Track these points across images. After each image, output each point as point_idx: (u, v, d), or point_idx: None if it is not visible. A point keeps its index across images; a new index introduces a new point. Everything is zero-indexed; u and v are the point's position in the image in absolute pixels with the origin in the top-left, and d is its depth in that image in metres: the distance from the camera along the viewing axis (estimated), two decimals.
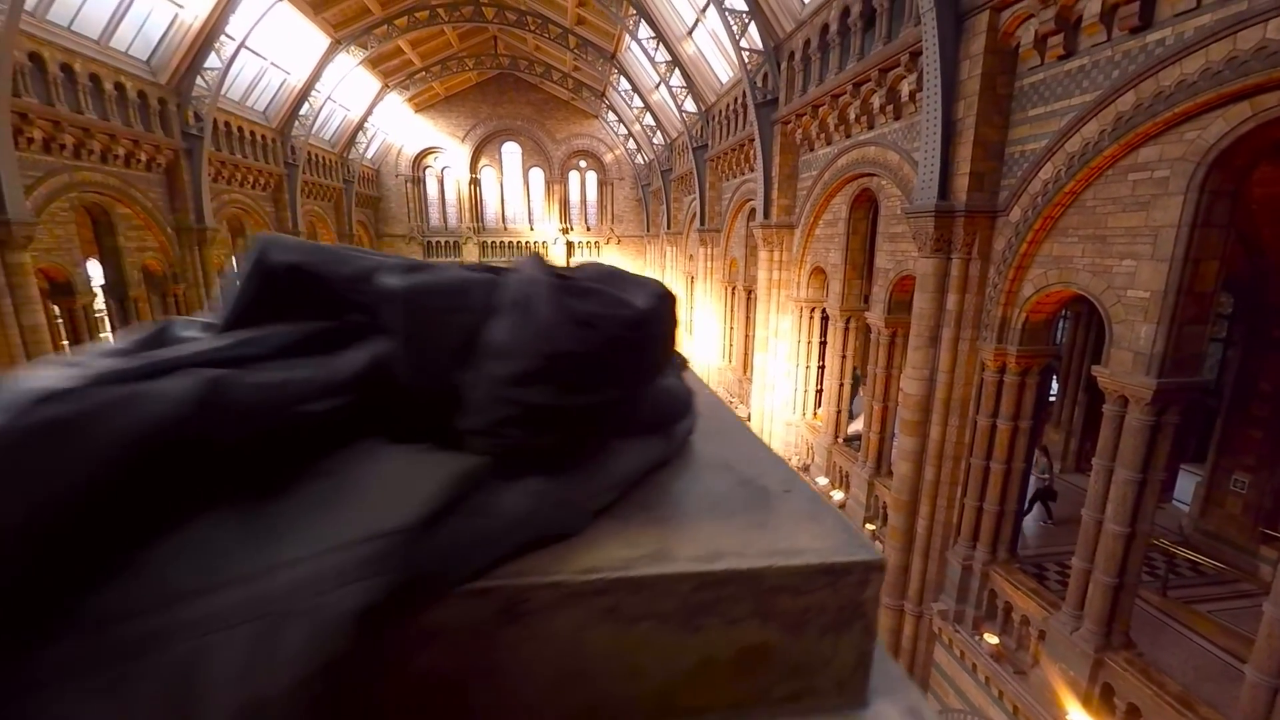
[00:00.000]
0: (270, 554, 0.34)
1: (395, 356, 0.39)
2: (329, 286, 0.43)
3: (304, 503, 0.35)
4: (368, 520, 0.34)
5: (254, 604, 0.32)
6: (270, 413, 0.35)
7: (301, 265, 0.43)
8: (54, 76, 10.69)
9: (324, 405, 0.37)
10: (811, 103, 9.50)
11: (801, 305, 11.17)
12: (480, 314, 0.41)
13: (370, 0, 17.40)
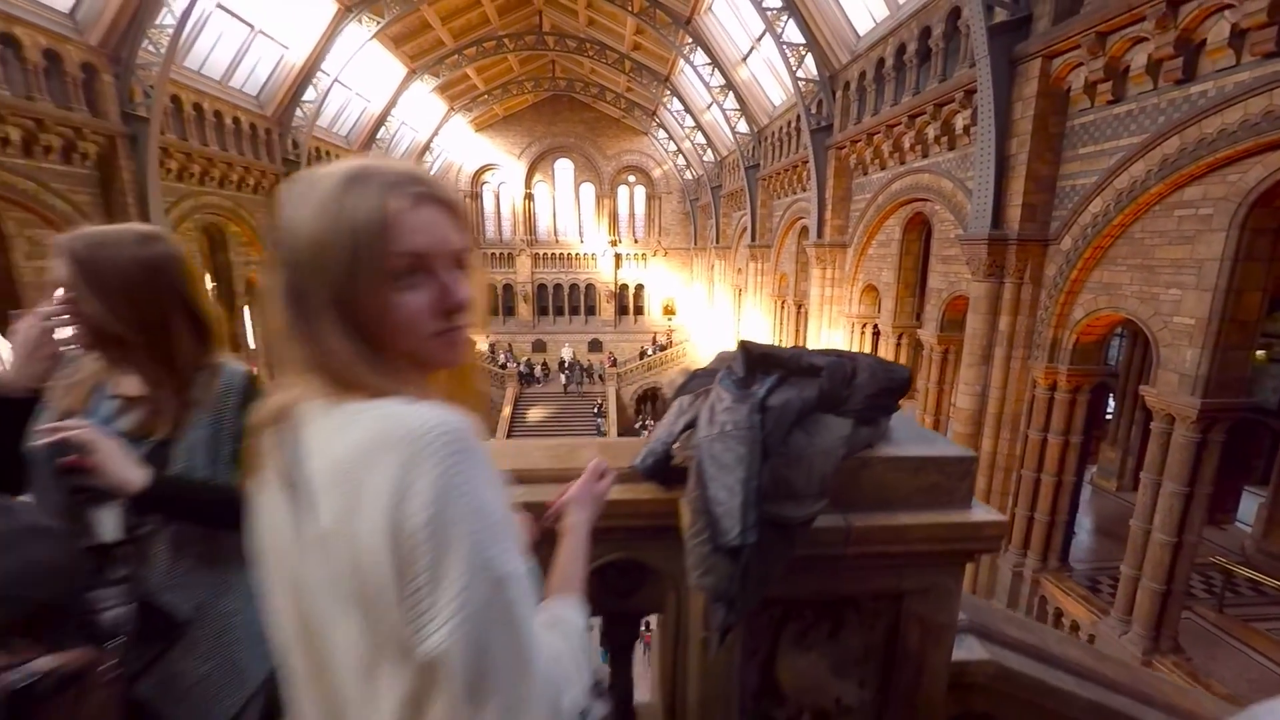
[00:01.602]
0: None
1: (822, 387, 1.10)
2: (780, 361, 1.13)
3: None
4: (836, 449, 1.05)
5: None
6: (816, 406, 1.05)
7: (768, 352, 1.14)
8: (188, 115, 12.25)
9: (802, 407, 1.07)
10: (866, 131, 10.04)
11: (853, 321, 11.64)
12: (853, 372, 1.11)
13: (443, 33, 18.80)
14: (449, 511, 0.56)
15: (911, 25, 8.66)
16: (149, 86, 10.51)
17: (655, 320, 30.66)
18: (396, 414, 0.60)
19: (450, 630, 0.55)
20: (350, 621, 0.60)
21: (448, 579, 0.55)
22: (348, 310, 0.63)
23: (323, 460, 0.61)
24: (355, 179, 0.64)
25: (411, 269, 0.64)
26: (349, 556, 0.58)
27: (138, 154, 10.60)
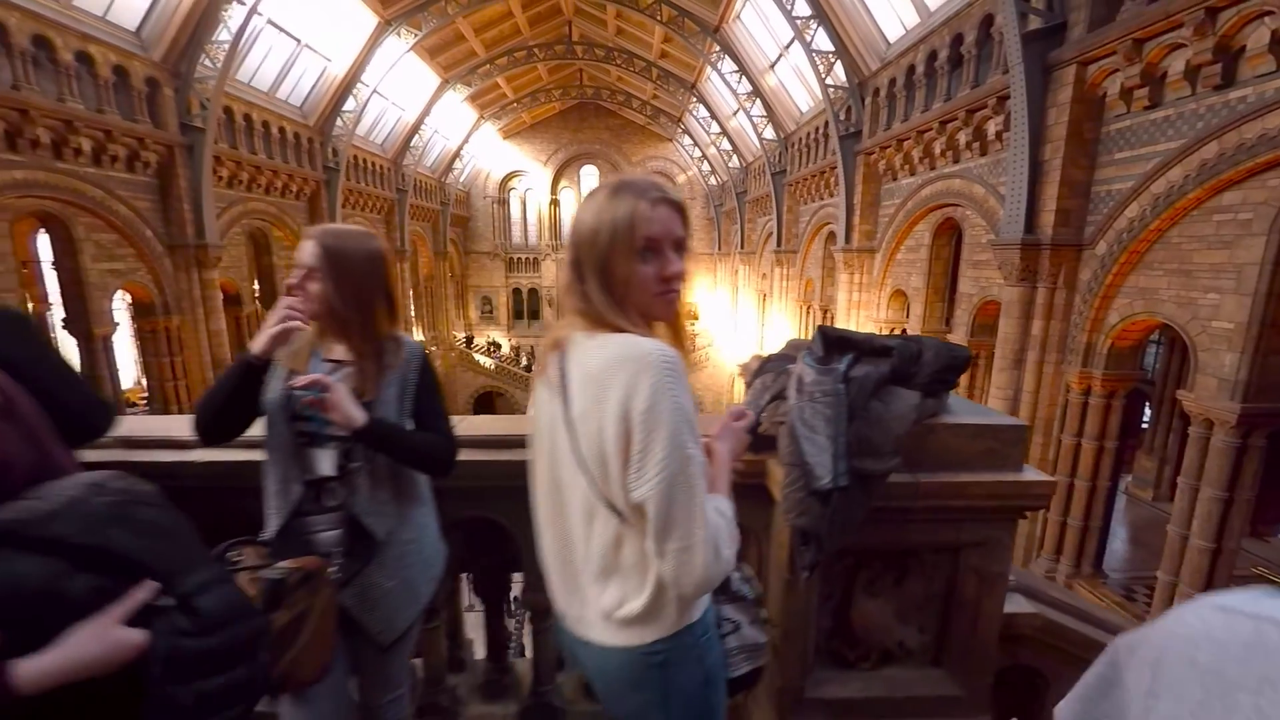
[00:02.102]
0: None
1: (893, 364, 1.27)
2: (854, 343, 1.32)
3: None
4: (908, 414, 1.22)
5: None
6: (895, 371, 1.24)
7: (843, 335, 1.32)
8: (239, 125, 12.87)
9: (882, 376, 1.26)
10: (896, 137, 10.12)
11: (881, 326, 11.66)
12: (919, 352, 1.29)
13: (476, 43, 19.35)
14: (659, 406, 0.86)
15: (943, 32, 8.74)
16: (205, 99, 11.11)
17: None
18: (632, 341, 0.92)
19: (654, 485, 0.86)
20: (580, 481, 0.96)
21: (654, 451, 0.86)
22: (605, 275, 0.95)
23: (580, 370, 0.96)
24: (618, 189, 0.97)
25: (646, 248, 0.93)
26: (591, 433, 0.92)
27: (193, 162, 11.19)
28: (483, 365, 26.99)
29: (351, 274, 1.30)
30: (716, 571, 0.89)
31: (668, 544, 0.87)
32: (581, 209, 1.00)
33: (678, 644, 0.97)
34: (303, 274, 1.29)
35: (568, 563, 1.03)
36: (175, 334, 11.29)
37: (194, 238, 11.26)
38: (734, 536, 0.96)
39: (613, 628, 0.98)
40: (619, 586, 0.96)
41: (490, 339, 29.65)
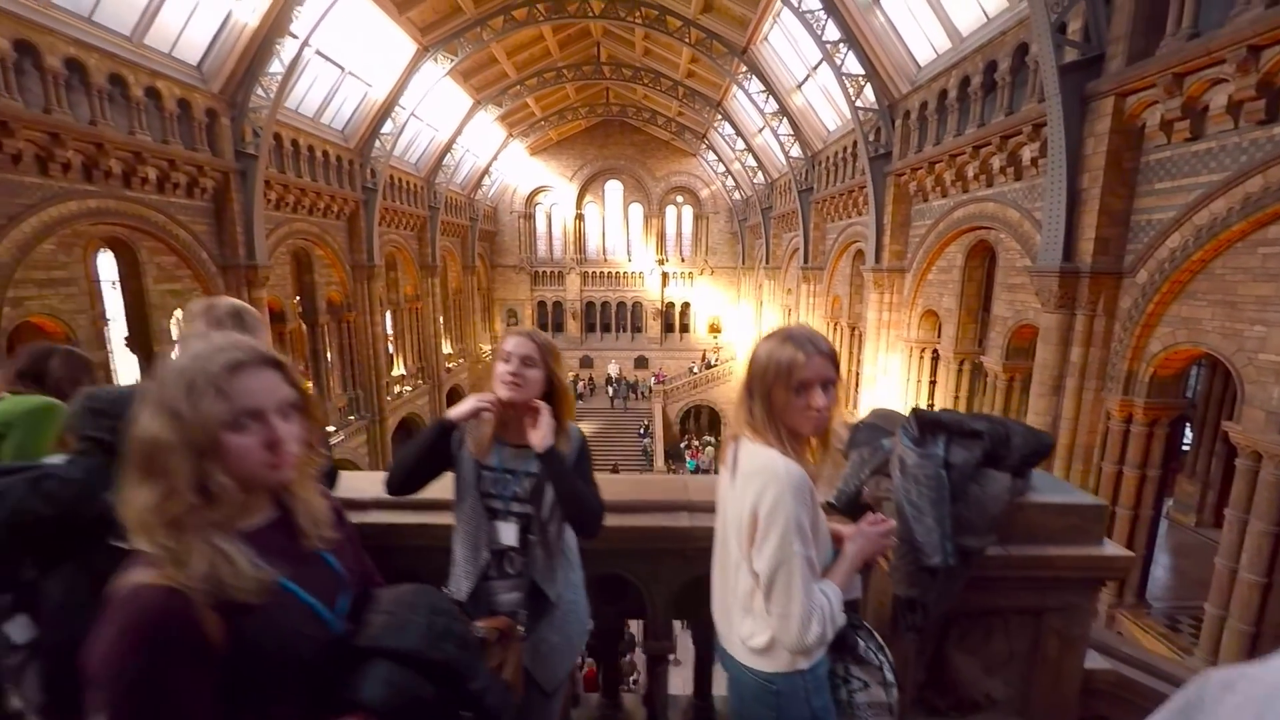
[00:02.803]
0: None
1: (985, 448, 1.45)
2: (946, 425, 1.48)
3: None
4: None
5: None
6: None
7: (936, 419, 1.49)
8: (286, 150, 13.47)
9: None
10: (928, 159, 10.20)
11: (912, 346, 11.68)
12: (1007, 436, 1.45)
13: (508, 66, 19.90)
14: (777, 512, 1.16)
15: (976, 59, 8.84)
16: (258, 127, 11.69)
17: (701, 338, 30.97)
18: (773, 457, 1.22)
19: (764, 563, 1.18)
20: (733, 543, 1.27)
21: (769, 540, 1.18)
22: (767, 400, 1.22)
23: (745, 464, 1.27)
24: (785, 338, 1.23)
25: (801, 386, 1.18)
26: (738, 511, 1.24)
27: (246, 187, 11.76)
28: None
29: (557, 365, 1.55)
30: (809, 639, 1.16)
31: (770, 607, 1.18)
32: (757, 347, 1.29)
33: (789, 682, 1.24)
34: (520, 361, 1.50)
35: (724, 594, 1.35)
36: None
37: (245, 258, 11.80)
38: (835, 618, 1.19)
39: (745, 652, 1.27)
40: (752, 622, 1.25)
41: None
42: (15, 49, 7.61)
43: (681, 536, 1.62)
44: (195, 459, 0.79)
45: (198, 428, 0.79)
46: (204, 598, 0.76)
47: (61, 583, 1.20)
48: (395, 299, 20.17)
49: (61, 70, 8.20)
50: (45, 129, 7.98)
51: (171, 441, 0.78)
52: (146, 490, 0.79)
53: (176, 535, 0.78)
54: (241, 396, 0.82)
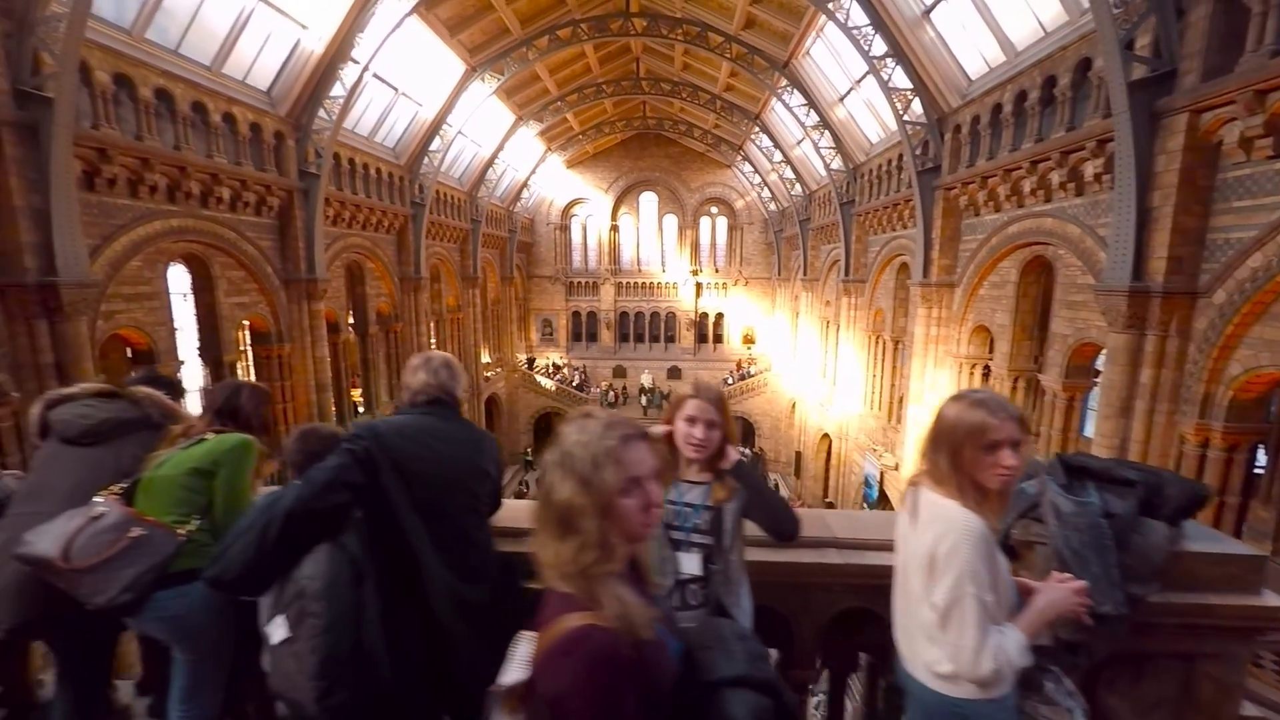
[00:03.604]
0: None
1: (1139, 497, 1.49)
2: (1093, 472, 1.54)
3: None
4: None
5: None
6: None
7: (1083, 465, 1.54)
8: (344, 168, 14.08)
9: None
10: (981, 174, 10.06)
11: (961, 361, 11.47)
12: (1159, 486, 1.50)
13: (550, 83, 20.39)
14: (954, 556, 1.27)
15: (1034, 74, 8.72)
16: (320, 148, 12.27)
17: (735, 349, 30.86)
18: (953, 507, 1.34)
19: (940, 599, 1.28)
20: (915, 578, 1.39)
21: (944, 580, 1.28)
22: (955, 455, 1.32)
23: (925, 510, 1.40)
24: (977, 403, 1.31)
25: (992, 446, 1.27)
26: (922, 554, 1.36)
27: (308, 205, 12.33)
28: (544, 386, 27.79)
29: (729, 415, 1.69)
30: (982, 671, 1.25)
31: (946, 638, 1.30)
32: (945, 408, 1.42)
33: (975, 709, 1.32)
34: (705, 426, 1.64)
35: (907, 622, 1.47)
36: (287, 360, 12.36)
37: (305, 272, 12.36)
38: (1013, 659, 1.26)
39: (930, 676, 1.37)
40: (938, 650, 1.34)
41: (551, 360, 30.53)
42: (114, 82, 8.20)
43: (832, 572, 1.69)
44: (599, 519, 0.95)
45: (601, 493, 0.95)
46: (625, 635, 0.91)
47: (323, 567, 1.40)
48: (438, 310, 20.72)
49: (152, 100, 8.79)
50: (137, 155, 8.56)
51: (583, 505, 0.95)
52: (564, 544, 0.96)
53: (587, 582, 0.94)
54: (630, 466, 0.97)
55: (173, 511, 1.72)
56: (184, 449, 1.80)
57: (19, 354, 7.04)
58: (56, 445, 1.82)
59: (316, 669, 1.34)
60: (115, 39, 8.34)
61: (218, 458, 1.78)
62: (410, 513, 1.53)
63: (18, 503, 1.78)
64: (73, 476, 1.76)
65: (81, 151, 7.63)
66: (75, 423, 1.82)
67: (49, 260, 7.04)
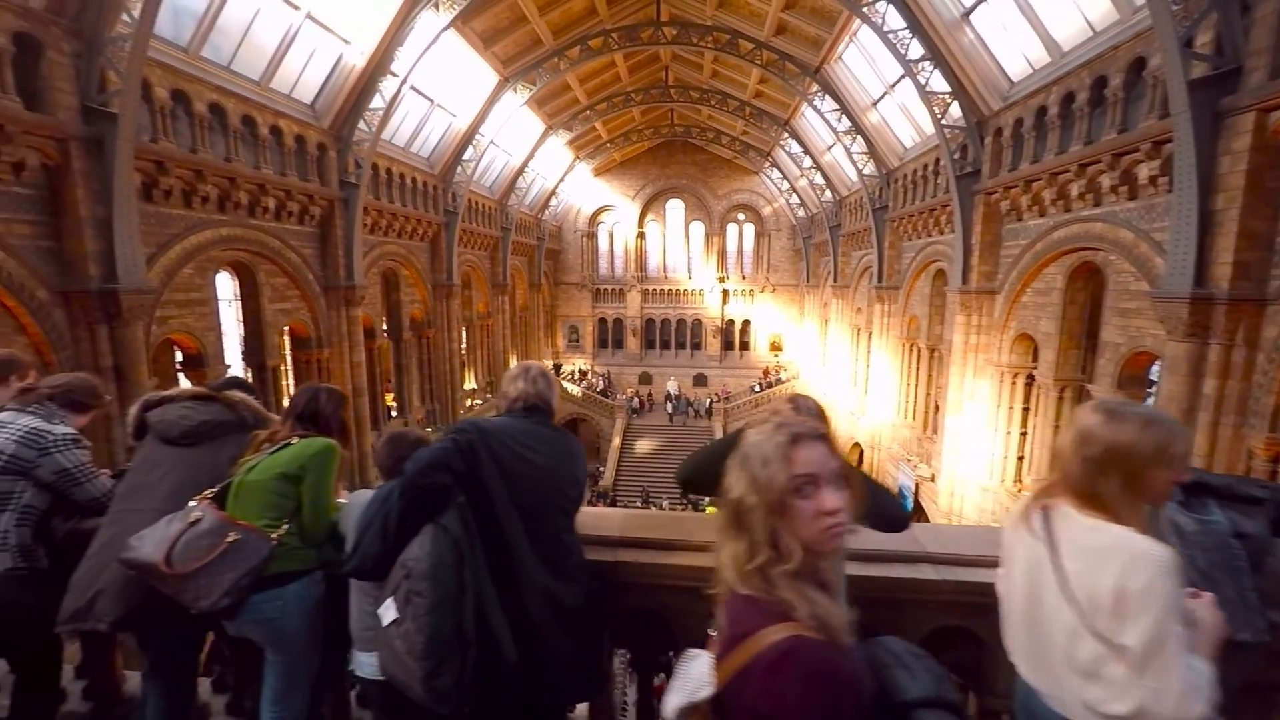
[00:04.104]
0: None
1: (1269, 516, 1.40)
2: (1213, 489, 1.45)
3: None
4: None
5: None
6: None
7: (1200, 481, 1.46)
8: (382, 178, 14.42)
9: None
10: (1024, 178, 9.79)
11: (1002, 370, 11.14)
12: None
13: (579, 92, 20.62)
14: (1153, 592, 1.13)
15: (1082, 74, 8.47)
16: (360, 158, 12.60)
17: (761, 356, 30.58)
18: (1128, 535, 1.19)
19: (1139, 641, 1.13)
20: (1065, 608, 1.23)
21: (1143, 620, 1.13)
22: (1132, 478, 1.21)
23: (1073, 535, 1.25)
24: (1149, 422, 1.22)
25: (1171, 463, 1.20)
26: (1085, 585, 1.20)
27: (348, 214, 12.66)
28: (571, 393, 27.90)
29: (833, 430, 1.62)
30: (1190, 713, 1.12)
31: (1143, 682, 1.14)
32: (1108, 424, 1.24)
33: None
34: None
35: (1041, 654, 1.33)
36: (325, 365, 12.66)
37: (344, 279, 12.67)
38: (1207, 694, 1.15)
39: (1094, 716, 1.24)
40: (1102, 689, 1.21)
41: (577, 366, 30.68)
42: (172, 97, 8.56)
43: (926, 588, 1.63)
44: (770, 516, 0.95)
45: (771, 490, 0.95)
46: (829, 642, 0.88)
47: (428, 549, 1.45)
48: (469, 316, 21.04)
49: (206, 114, 9.15)
50: (191, 166, 8.90)
51: (753, 503, 0.96)
52: (739, 543, 0.97)
53: (765, 582, 0.93)
54: (801, 465, 0.96)
55: (264, 516, 1.75)
56: (271, 454, 1.84)
57: (81, 357, 7.34)
58: (156, 445, 1.88)
59: (424, 649, 1.38)
60: (173, 56, 8.71)
61: (304, 462, 1.81)
62: (509, 508, 1.58)
63: (119, 500, 1.85)
64: (172, 476, 1.82)
65: (141, 164, 7.96)
66: (176, 423, 1.88)
67: (110, 268, 7.35)
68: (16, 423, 1.85)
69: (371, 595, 1.66)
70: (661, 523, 1.96)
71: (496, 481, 1.57)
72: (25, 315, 6.83)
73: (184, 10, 8.70)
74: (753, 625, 0.90)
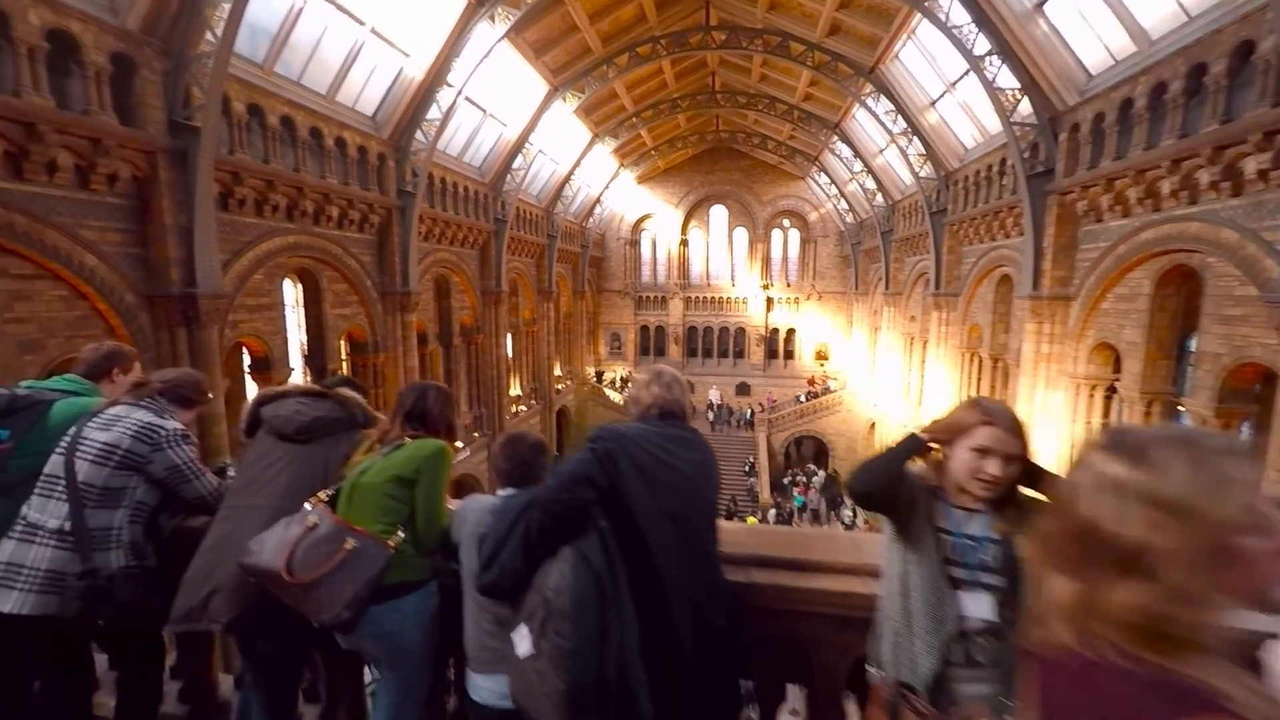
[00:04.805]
0: None
1: None
2: None
3: None
4: None
5: None
6: None
7: None
8: (436, 187, 14.78)
9: None
10: (1106, 176, 9.17)
11: (1079, 382, 10.42)
12: None
13: (626, 99, 20.72)
14: None
15: (1176, 63, 7.87)
16: (417, 168, 12.93)
17: (806, 365, 29.87)
18: None
19: None
20: None
21: None
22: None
23: None
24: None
25: None
26: None
27: (404, 222, 13.00)
28: (613, 400, 27.91)
29: (1029, 444, 1.38)
30: None
31: None
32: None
33: None
34: (1002, 461, 1.32)
35: None
36: (381, 369, 12.99)
37: (400, 285, 12.99)
38: None
39: None
40: None
41: (618, 374, 30.68)
42: (248, 111, 8.97)
43: None
44: (1205, 562, 0.67)
45: (1211, 529, 0.67)
46: None
47: (569, 581, 1.33)
48: (515, 322, 21.32)
49: (277, 126, 9.54)
50: (263, 177, 9.29)
51: (1176, 547, 0.67)
52: (1127, 586, 0.68)
53: (1168, 648, 0.66)
54: (1254, 493, 0.69)
55: (379, 521, 1.67)
56: (384, 455, 1.76)
57: (162, 359, 7.70)
58: (270, 441, 1.85)
59: (564, 696, 1.27)
60: (249, 72, 9.13)
61: (419, 465, 1.72)
62: (658, 517, 1.46)
63: (233, 495, 1.82)
64: (287, 473, 1.78)
65: (219, 174, 8.33)
66: (291, 419, 1.84)
67: (190, 273, 7.70)
68: (131, 417, 1.84)
69: (490, 613, 1.55)
70: (796, 540, 1.78)
71: (641, 491, 1.45)
72: (115, 318, 7.21)
73: (260, 29, 9.11)
74: (1156, 714, 0.64)
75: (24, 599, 1.63)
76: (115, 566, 1.71)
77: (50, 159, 6.36)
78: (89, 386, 2.07)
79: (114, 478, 1.79)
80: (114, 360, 2.15)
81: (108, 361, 2.13)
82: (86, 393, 2.05)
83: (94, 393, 2.06)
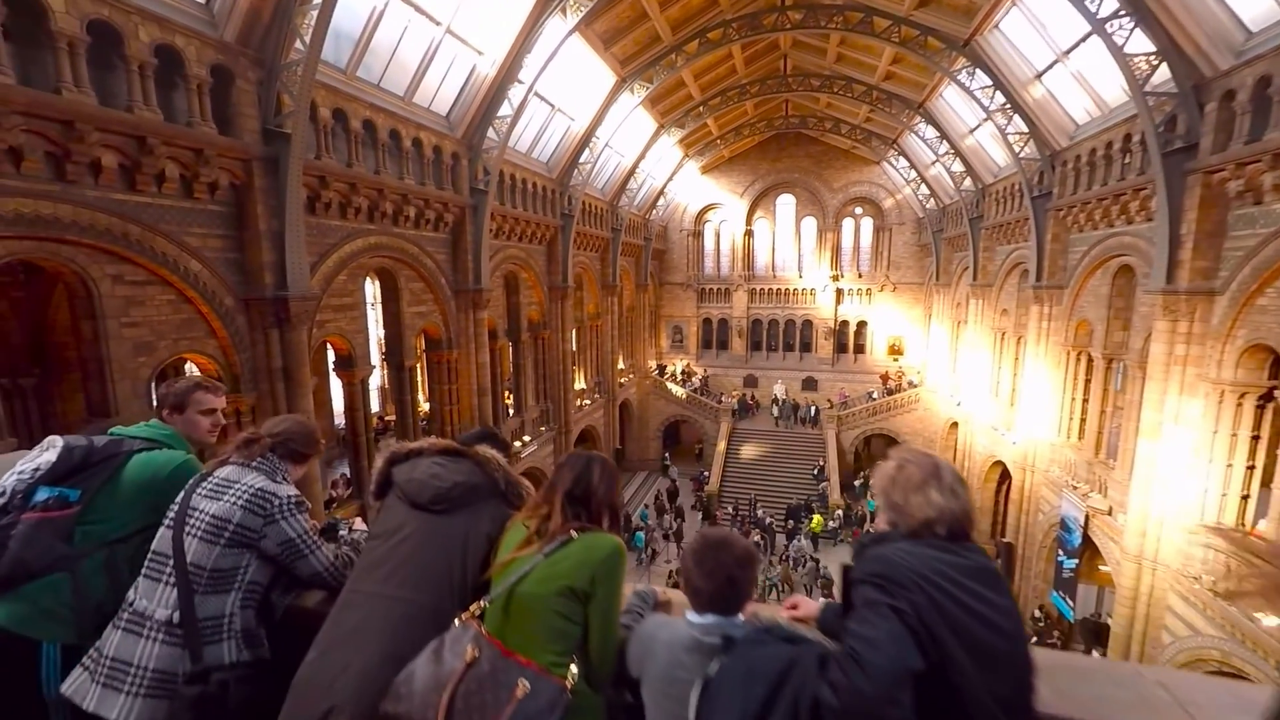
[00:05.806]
0: None
1: None
2: None
3: None
4: None
5: None
6: None
7: None
8: (506, 184, 14.82)
9: None
10: (1271, 151, 7.85)
11: (1223, 389, 9.09)
12: None
13: (693, 88, 20.11)
14: None
15: None
16: (489, 165, 12.97)
17: (879, 360, 28.37)
18: None
19: None
20: None
21: None
22: None
23: None
24: None
25: None
26: None
27: (476, 220, 13.09)
28: (675, 394, 27.58)
29: None
30: None
31: None
32: None
33: None
34: None
35: None
36: (454, 365, 13.20)
37: (472, 283, 13.13)
38: None
39: None
40: None
41: (679, 368, 30.27)
42: (333, 116, 9.15)
43: None
44: None
45: None
46: None
47: None
48: (579, 317, 21.33)
49: (360, 130, 9.72)
50: (347, 180, 9.49)
51: None
52: None
53: None
54: None
55: (549, 649, 1.31)
56: (547, 556, 1.38)
57: (257, 359, 8.01)
58: (403, 509, 1.58)
59: None
60: (333, 77, 9.31)
61: (595, 573, 1.36)
62: (987, 704, 1.03)
63: (359, 576, 1.53)
64: (422, 552, 1.49)
65: (306, 179, 8.54)
66: (427, 484, 1.56)
67: (282, 276, 7.94)
68: (242, 481, 1.62)
69: None
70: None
71: (970, 672, 1.03)
72: (215, 320, 7.53)
73: (343, 34, 9.26)
74: None
75: (130, 704, 1.43)
76: (227, 662, 1.50)
77: (159, 170, 6.64)
78: (170, 433, 1.88)
79: (224, 557, 1.57)
80: (185, 395, 1.91)
81: (181, 398, 1.91)
82: (168, 440, 1.86)
83: (176, 440, 1.88)
